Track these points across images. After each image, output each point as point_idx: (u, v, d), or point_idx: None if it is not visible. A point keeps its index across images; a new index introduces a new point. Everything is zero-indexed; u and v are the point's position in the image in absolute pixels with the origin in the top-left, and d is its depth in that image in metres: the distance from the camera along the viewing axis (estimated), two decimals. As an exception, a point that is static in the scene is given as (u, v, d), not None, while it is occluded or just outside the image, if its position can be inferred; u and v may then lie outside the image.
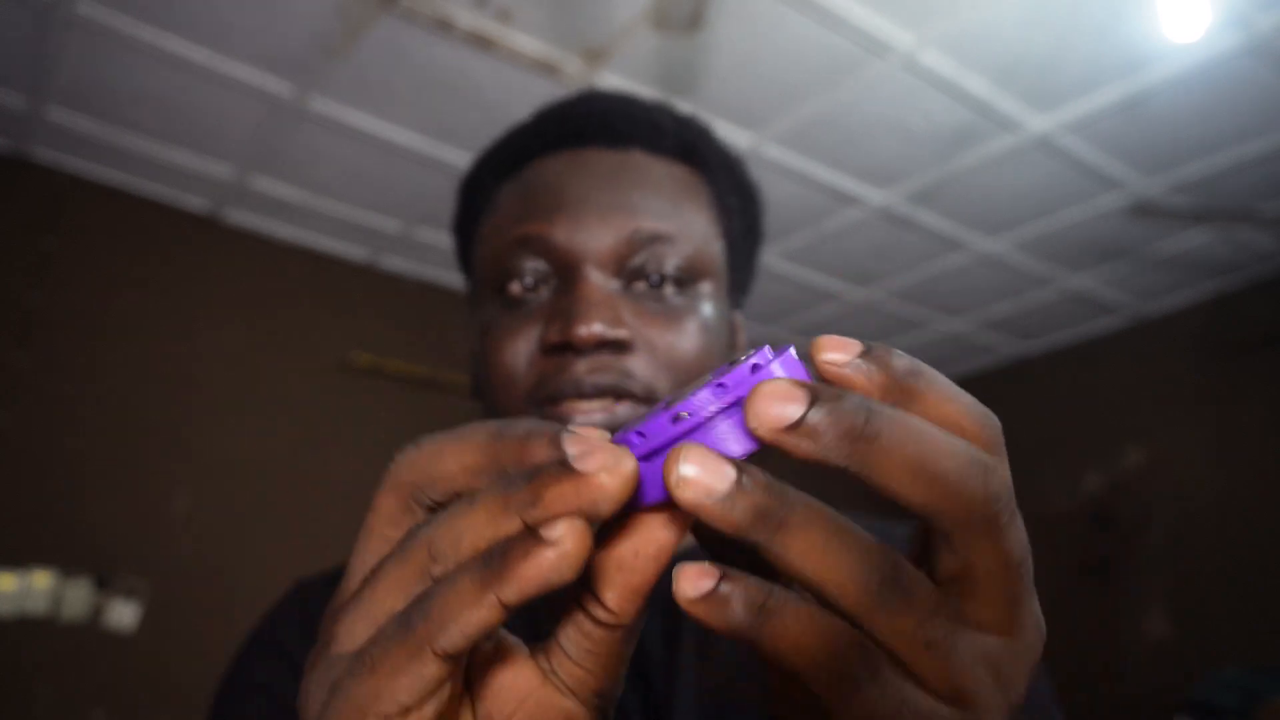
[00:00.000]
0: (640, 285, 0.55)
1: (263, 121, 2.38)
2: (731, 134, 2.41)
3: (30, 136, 2.46)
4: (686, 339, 0.55)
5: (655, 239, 0.55)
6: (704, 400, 0.24)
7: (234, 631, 0.78)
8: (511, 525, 0.23)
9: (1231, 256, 3.14)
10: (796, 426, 0.22)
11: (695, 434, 0.24)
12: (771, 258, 3.07)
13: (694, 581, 0.23)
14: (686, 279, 0.56)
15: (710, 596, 0.23)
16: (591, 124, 0.59)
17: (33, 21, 2.02)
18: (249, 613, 0.72)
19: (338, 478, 2.87)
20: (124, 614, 2.42)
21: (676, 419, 0.24)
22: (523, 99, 2.28)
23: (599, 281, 0.54)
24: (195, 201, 2.78)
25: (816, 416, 0.22)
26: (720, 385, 0.24)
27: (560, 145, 0.59)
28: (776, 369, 0.24)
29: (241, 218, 2.86)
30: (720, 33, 2.05)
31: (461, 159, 2.52)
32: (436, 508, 0.26)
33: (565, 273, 0.55)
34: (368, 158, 2.53)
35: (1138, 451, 3.51)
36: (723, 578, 0.23)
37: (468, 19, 2.02)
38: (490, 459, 0.25)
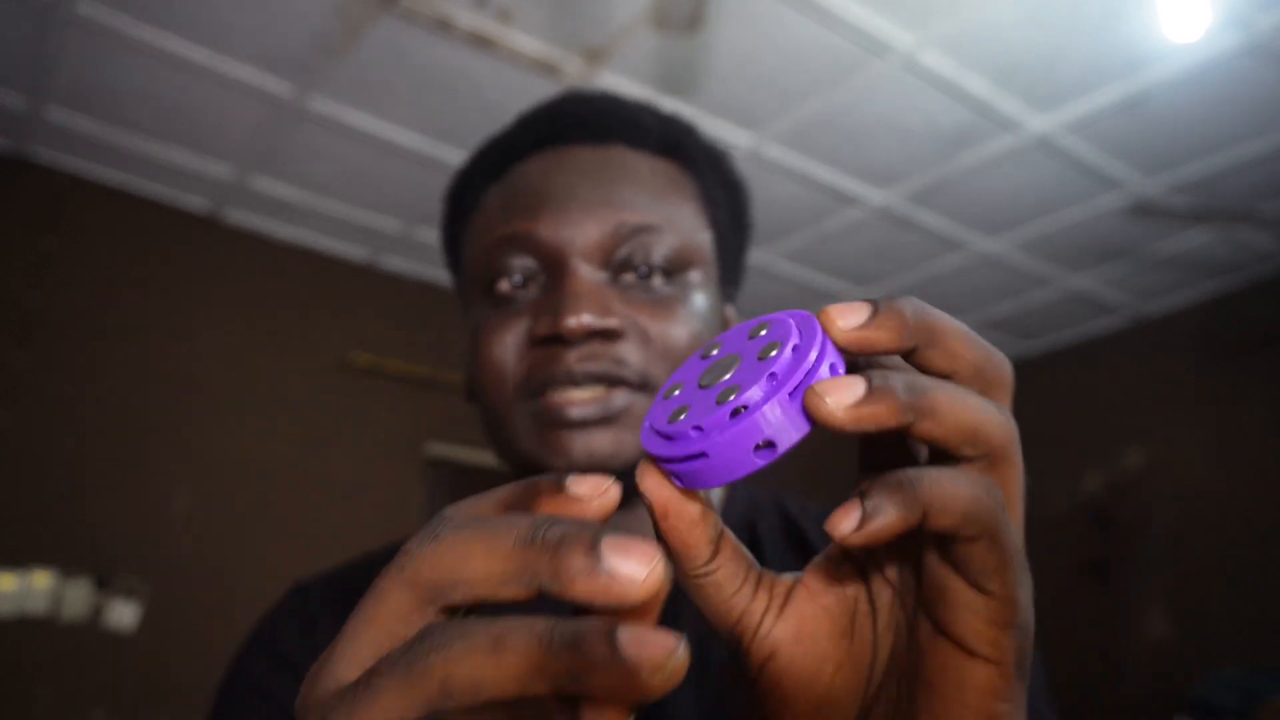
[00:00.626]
0: (628, 277, 0.55)
1: (263, 121, 2.38)
2: (732, 134, 2.41)
3: (30, 136, 2.46)
4: (678, 326, 0.55)
5: (641, 230, 0.55)
6: (765, 393, 0.24)
7: (234, 631, 0.78)
8: (544, 689, 0.22)
9: (1231, 256, 3.14)
10: (860, 406, 0.24)
11: (750, 424, 0.24)
12: (771, 258, 3.08)
13: (846, 517, 0.24)
14: (674, 269, 0.56)
15: (866, 517, 0.24)
16: (573, 123, 0.59)
17: (33, 21, 2.02)
18: (249, 613, 0.72)
19: (338, 478, 2.87)
20: (124, 614, 2.42)
21: (735, 413, 0.24)
22: (523, 99, 2.28)
23: (586, 274, 0.54)
24: (195, 201, 2.78)
25: (877, 393, 0.24)
26: (773, 376, 0.25)
27: (543, 145, 0.60)
28: (814, 356, 0.25)
29: (241, 218, 2.86)
30: (720, 33, 2.05)
31: (461, 159, 2.52)
32: (452, 611, 0.24)
33: (552, 268, 0.55)
34: (368, 158, 2.53)
35: (1138, 451, 3.51)
36: (862, 497, 0.24)
37: (468, 19, 2.02)
38: (522, 568, 0.23)
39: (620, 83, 2.23)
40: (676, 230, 0.57)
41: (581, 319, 0.51)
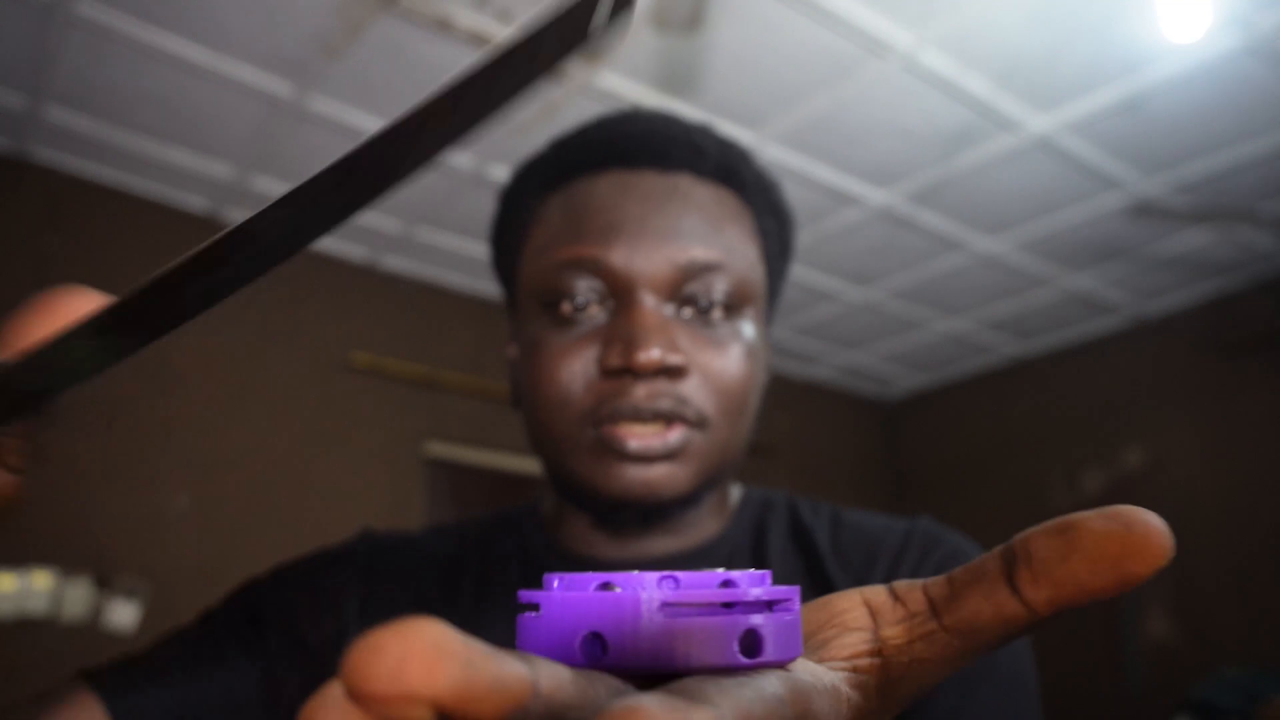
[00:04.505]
0: (690, 310, 0.57)
1: (263, 121, 2.38)
2: (732, 134, 2.41)
3: (30, 136, 2.46)
4: (734, 364, 0.57)
5: (708, 268, 0.57)
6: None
7: (234, 631, 0.78)
8: None
9: (1231, 256, 3.14)
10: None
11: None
12: (771, 258, 3.08)
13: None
14: (733, 304, 0.58)
15: None
16: (641, 146, 0.60)
17: (33, 21, 2.02)
18: (249, 613, 0.72)
19: (338, 478, 2.87)
20: (124, 614, 2.42)
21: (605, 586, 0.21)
22: (522, 99, 2.28)
23: (654, 307, 0.56)
24: (195, 201, 2.78)
25: None
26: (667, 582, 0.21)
27: (608, 165, 0.60)
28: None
29: (241, 218, 2.86)
30: (720, 33, 2.05)
31: (462, 159, 2.52)
32: None
33: (621, 296, 0.56)
34: (368, 158, 2.52)
35: (1138, 451, 3.51)
36: None
37: (468, 19, 2.02)
38: None
39: (620, 83, 2.23)
40: (736, 267, 0.59)
41: (652, 355, 0.53)
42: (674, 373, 0.55)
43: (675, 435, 0.55)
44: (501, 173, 2.53)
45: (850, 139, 2.45)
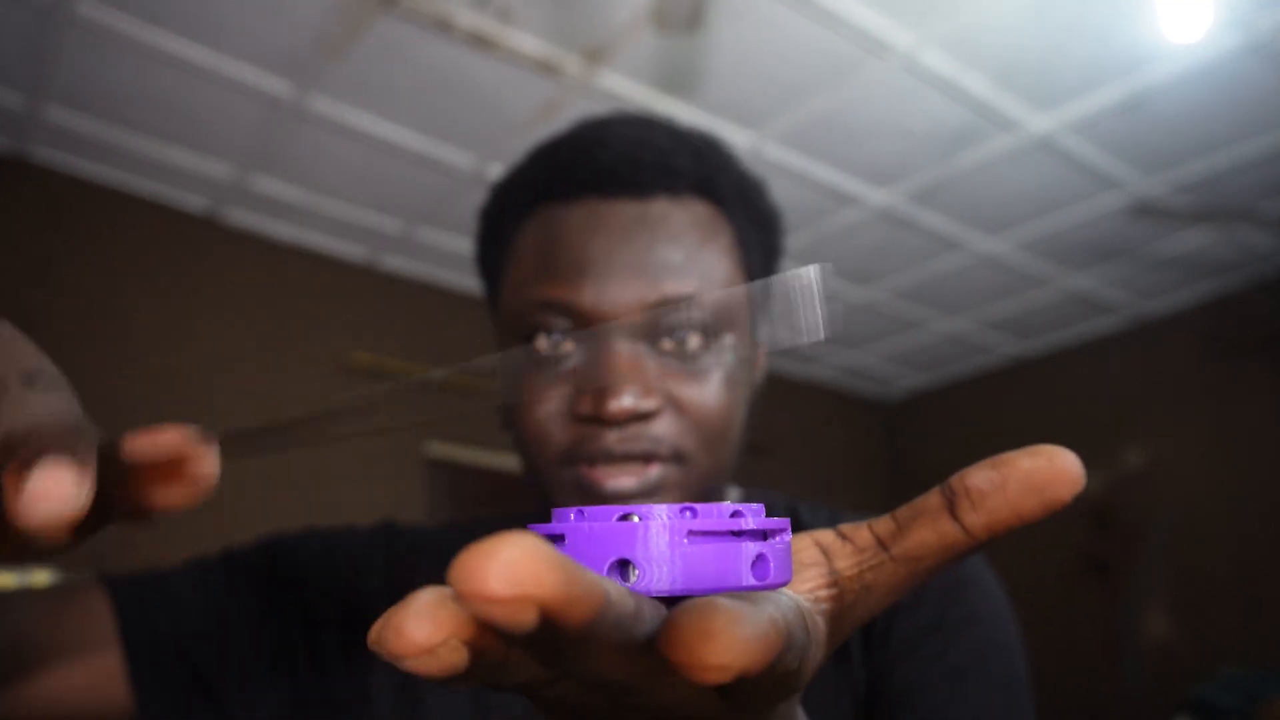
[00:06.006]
0: (666, 343, 0.56)
1: (263, 121, 2.38)
2: (732, 134, 2.41)
3: (30, 136, 2.46)
4: (712, 394, 0.56)
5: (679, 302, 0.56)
6: (669, 518, 0.22)
7: (234, 631, 0.79)
8: None
9: (1231, 256, 3.14)
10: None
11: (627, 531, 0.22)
12: (771, 258, 3.08)
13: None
14: (711, 330, 0.57)
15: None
16: (611, 173, 0.59)
17: (33, 21, 2.02)
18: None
19: (338, 478, 2.87)
20: (124, 614, 2.42)
21: (624, 518, 0.22)
22: (523, 99, 2.28)
23: (626, 348, 0.55)
24: (195, 201, 2.78)
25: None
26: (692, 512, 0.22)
27: (580, 193, 0.59)
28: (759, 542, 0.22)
29: (241, 218, 2.86)
30: (720, 33, 2.05)
31: (461, 159, 2.52)
32: None
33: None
34: (368, 158, 2.53)
35: (1138, 451, 3.51)
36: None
37: (468, 19, 2.02)
38: None
39: (620, 83, 2.23)
40: (714, 293, 0.58)
41: (623, 403, 0.52)
42: (646, 416, 0.54)
43: (652, 472, 0.55)
44: (501, 172, 2.53)
45: (850, 139, 2.45)
